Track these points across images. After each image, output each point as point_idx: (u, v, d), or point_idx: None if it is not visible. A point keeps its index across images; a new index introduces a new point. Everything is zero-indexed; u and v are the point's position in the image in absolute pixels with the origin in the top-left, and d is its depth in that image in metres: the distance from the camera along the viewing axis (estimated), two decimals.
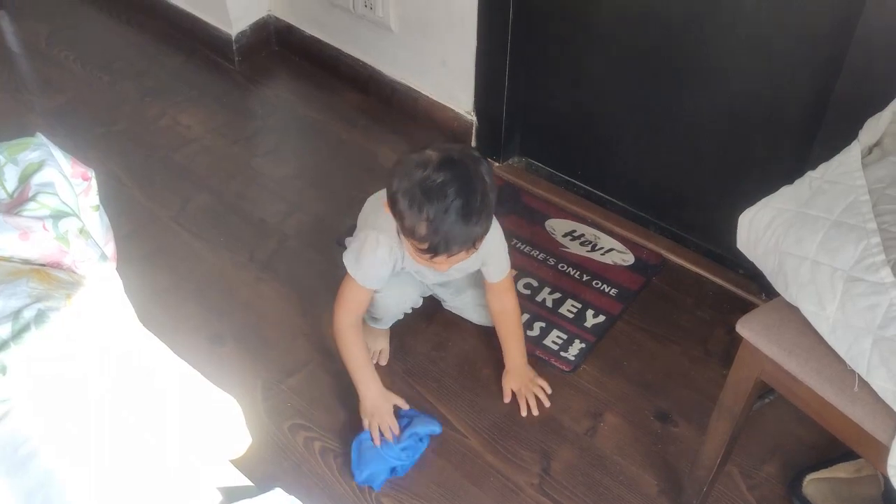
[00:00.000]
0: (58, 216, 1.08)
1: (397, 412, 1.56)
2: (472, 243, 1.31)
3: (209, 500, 0.86)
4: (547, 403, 1.63)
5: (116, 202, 2.01)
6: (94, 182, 1.26)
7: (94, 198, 1.27)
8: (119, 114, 2.30)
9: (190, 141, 2.22)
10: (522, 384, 1.63)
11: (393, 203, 1.30)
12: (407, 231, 1.29)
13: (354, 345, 1.53)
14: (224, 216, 2.02)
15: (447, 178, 1.24)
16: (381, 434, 1.51)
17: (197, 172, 2.13)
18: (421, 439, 1.55)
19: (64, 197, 1.13)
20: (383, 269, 1.47)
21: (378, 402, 1.54)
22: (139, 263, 1.88)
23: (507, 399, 1.63)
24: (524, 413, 1.61)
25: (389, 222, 1.38)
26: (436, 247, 1.28)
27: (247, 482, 0.95)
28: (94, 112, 2.29)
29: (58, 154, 1.20)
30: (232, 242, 1.96)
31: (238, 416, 1.02)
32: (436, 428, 1.56)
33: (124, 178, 2.11)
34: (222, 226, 2.00)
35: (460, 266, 1.47)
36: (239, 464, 1.18)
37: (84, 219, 1.18)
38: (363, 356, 1.55)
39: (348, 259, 1.49)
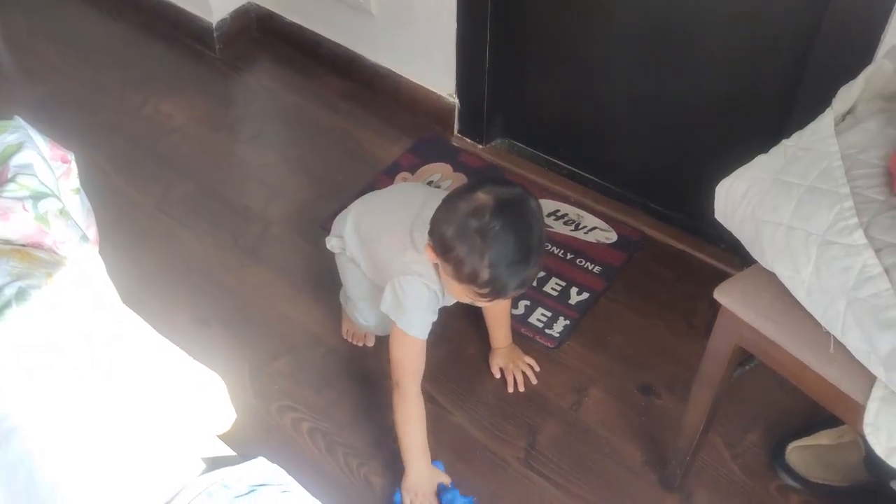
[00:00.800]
0: (37, 197, 1.09)
1: (439, 489, 1.47)
2: (531, 283, 1.30)
3: (192, 469, 0.86)
4: (534, 380, 1.64)
5: (100, 191, 2.00)
6: (73, 165, 1.26)
7: (74, 181, 1.27)
8: (101, 104, 2.29)
9: (172, 129, 2.22)
10: (510, 361, 1.65)
11: (445, 249, 1.26)
12: (466, 277, 1.25)
13: (415, 416, 1.42)
14: (207, 203, 2.02)
15: (506, 224, 1.22)
16: None
17: (180, 160, 2.13)
18: None
19: (43, 178, 1.13)
20: (431, 312, 1.40)
21: (423, 480, 1.45)
22: (124, 250, 1.88)
23: (496, 375, 1.64)
24: (511, 390, 1.63)
25: (425, 266, 1.35)
26: (498, 291, 1.26)
27: (231, 452, 0.96)
28: (75, 102, 2.28)
29: (36, 137, 1.20)
30: (216, 229, 1.96)
31: (222, 391, 1.03)
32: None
33: (107, 167, 2.11)
34: (206, 213, 2.00)
35: None
36: (230, 445, 1.19)
37: (64, 201, 1.19)
38: (420, 430, 1.44)
39: (391, 310, 1.39)
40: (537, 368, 1.65)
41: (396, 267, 1.40)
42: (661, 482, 1.49)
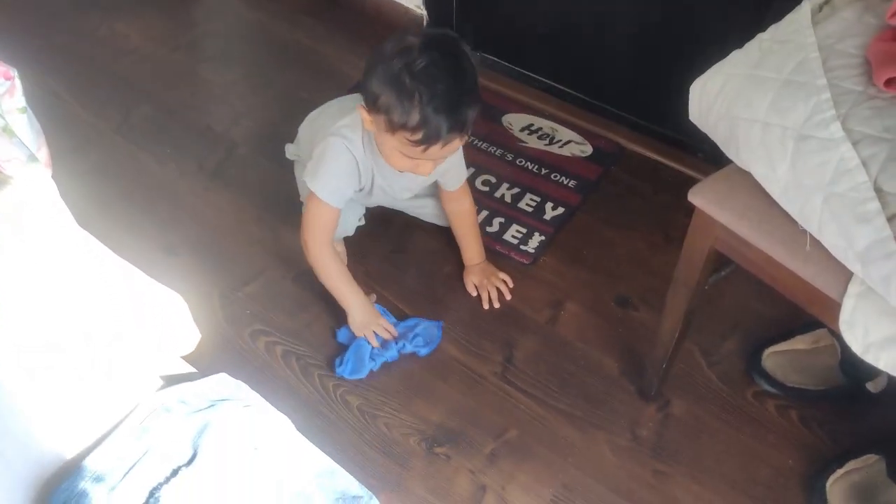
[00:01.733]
0: None
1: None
2: (466, 126, 1.25)
3: (150, 386, 0.84)
4: (508, 296, 1.62)
5: (56, 117, 1.94)
6: (17, 82, 1.19)
7: (19, 99, 1.20)
8: (53, 27, 2.19)
9: (129, 51, 2.13)
10: (484, 278, 1.62)
11: (374, 98, 1.21)
12: (397, 125, 1.21)
13: (331, 263, 1.48)
14: (169, 126, 1.95)
15: (434, 59, 1.17)
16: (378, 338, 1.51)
17: (138, 83, 2.05)
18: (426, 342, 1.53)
19: None
20: (348, 180, 1.40)
21: (365, 313, 1.50)
22: (83, 178, 1.83)
23: (472, 292, 1.62)
24: (486, 306, 1.61)
25: (353, 130, 1.32)
26: (432, 134, 1.21)
27: (192, 369, 0.93)
28: (26, 26, 2.18)
29: None
30: (179, 152, 1.89)
31: (184, 311, 0.99)
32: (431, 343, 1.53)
33: (63, 92, 2.02)
34: (168, 136, 1.93)
35: (423, 180, 1.44)
36: (198, 368, 1.16)
37: (9, 119, 1.12)
38: (342, 272, 1.50)
39: (307, 175, 1.40)
40: (511, 284, 1.63)
41: (327, 131, 1.40)
42: (639, 392, 1.49)
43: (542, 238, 1.72)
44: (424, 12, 2.04)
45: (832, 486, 1.33)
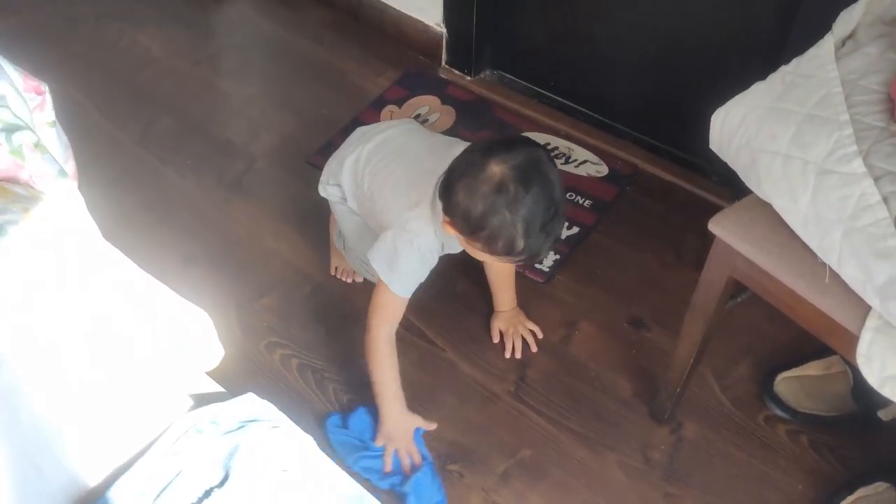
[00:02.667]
0: (11, 129, 1.04)
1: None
2: (561, 235, 1.29)
3: (181, 406, 0.85)
4: (534, 348, 1.59)
5: (77, 127, 1.94)
6: (48, 97, 1.21)
7: (49, 113, 1.22)
8: (76, 36, 2.22)
9: (151, 62, 2.15)
10: (511, 326, 1.60)
11: (477, 229, 1.21)
12: (501, 250, 1.22)
13: (387, 360, 1.41)
14: (189, 138, 1.97)
15: (531, 189, 1.18)
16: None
17: (159, 94, 2.07)
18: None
19: (17, 110, 1.09)
20: (423, 272, 1.37)
21: (398, 425, 1.42)
22: (104, 187, 1.84)
23: (495, 339, 1.60)
24: (507, 355, 1.58)
25: (426, 223, 1.31)
26: (533, 256, 1.25)
27: (220, 388, 0.95)
28: (49, 34, 2.21)
29: (8, 67, 1.15)
30: (199, 165, 1.92)
31: (209, 328, 1.01)
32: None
33: (84, 101, 2.05)
34: (188, 148, 1.95)
35: None
36: (216, 381, 1.18)
37: (40, 134, 1.14)
38: (395, 370, 1.42)
39: (380, 266, 1.36)
40: (540, 336, 1.60)
41: (395, 221, 1.35)
42: (651, 414, 1.50)
43: (557, 257, 1.74)
44: (444, 30, 2.05)
45: None
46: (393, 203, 1.39)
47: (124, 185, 1.87)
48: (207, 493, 0.75)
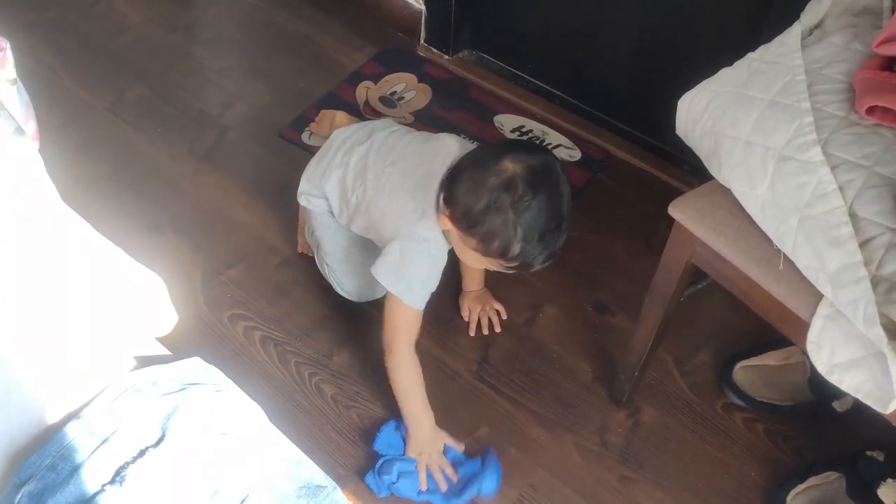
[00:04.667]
0: None
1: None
2: (558, 252, 1.23)
3: (123, 367, 0.84)
4: (498, 329, 1.59)
5: (49, 92, 1.93)
6: (9, 53, 1.20)
7: (10, 71, 1.21)
8: (49, 0, 2.18)
9: (126, 29, 2.13)
10: (479, 304, 1.60)
11: (474, 223, 1.18)
12: (495, 251, 1.18)
13: (414, 379, 1.37)
14: (162, 107, 1.95)
15: (540, 195, 1.15)
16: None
17: (134, 61, 2.05)
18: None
19: None
20: (434, 280, 1.33)
21: (427, 441, 1.38)
22: (73, 153, 1.83)
23: (465, 316, 1.60)
24: (472, 333, 1.58)
25: (432, 230, 1.27)
26: (527, 265, 1.21)
27: (166, 352, 0.94)
28: None
29: None
30: (170, 134, 1.90)
31: (163, 293, 1.00)
32: (491, 484, 1.36)
33: (57, 66, 2.02)
34: (160, 117, 1.93)
35: None
36: (175, 350, 1.17)
37: None
38: (421, 384, 1.38)
39: (388, 280, 1.31)
40: (504, 316, 1.60)
41: (401, 232, 1.31)
42: (611, 397, 1.51)
43: None
44: (423, 7, 2.04)
45: (793, 500, 1.36)
46: (395, 213, 1.33)
47: (93, 151, 1.85)
48: (142, 453, 0.74)
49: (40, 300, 0.83)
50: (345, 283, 1.57)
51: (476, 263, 1.28)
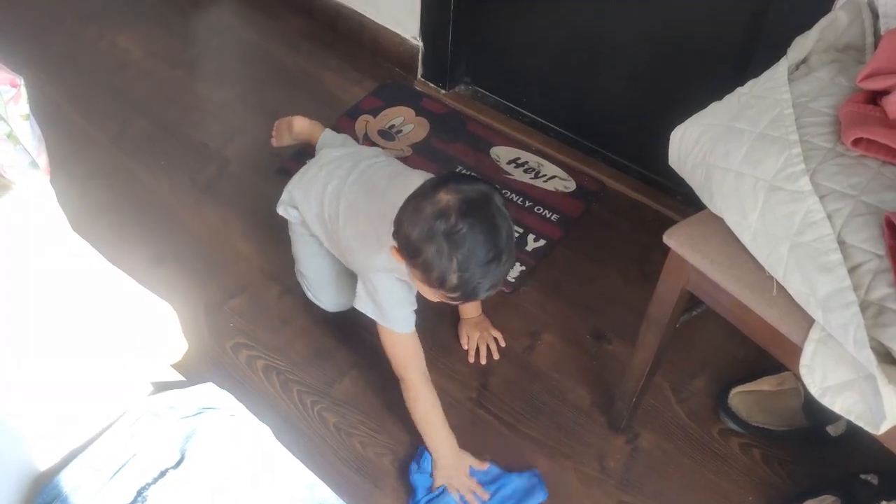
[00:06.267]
0: None
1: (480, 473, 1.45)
2: (501, 284, 1.25)
3: (140, 392, 0.87)
4: (496, 356, 1.61)
5: (53, 125, 1.95)
6: (23, 90, 1.23)
7: (23, 106, 1.24)
8: (55, 36, 2.23)
9: (129, 64, 2.17)
10: (477, 332, 1.63)
11: (413, 253, 1.20)
12: (435, 282, 1.20)
13: (431, 403, 1.41)
14: (164, 140, 1.99)
15: (472, 224, 1.16)
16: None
17: (136, 96, 2.09)
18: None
19: None
20: (409, 301, 1.37)
21: (452, 464, 1.41)
22: (77, 185, 1.86)
23: (464, 343, 1.62)
24: (471, 360, 1.61)
25: (393, 262, 1.29)
26: (469, 295, 1.21)
27: (180, 377, 0.96)
28: (30, 33, 2.22)
29: None
30: (172, 166, 1.93)
31: (173, 320, 1.03)
32: (539, 496, 1.42)
33: (61, 100, 2.06)
34: (162, 150, 1.97)
35: None
36: (186, 377, 1.19)
37: (13, 126, 1.16)
38: (440, 416, 1.41)
39: (370, 310, 1.37)
40: (503, 344, 1.63)
41: (365, 263, 1.36)
42: (609, 424, 1.53)
43: (524, 269, 1.77)
44: (421, 44, 2.09)
45: None
46: (359, 245, 1.38)
47: (97, 182, 1.88)
48: (163, 474, 0.76)
49: (57, 328, 0.86)
50: (319, 293, 1.61)
51: (428, 295, 1.28)
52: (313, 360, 1.60)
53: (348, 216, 1.41)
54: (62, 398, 0.82)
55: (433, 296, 1.27)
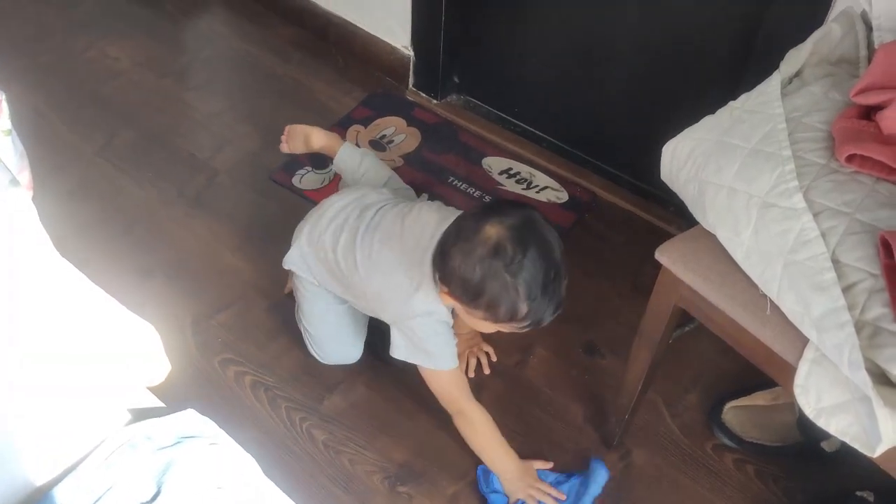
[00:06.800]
0: None
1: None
2: (563, 299, 1.24)
3: (117, 421, 0.84)
4: (487, 371, 1.60)
5: (40, 136, 1.95)
6: (4, 105, 1.21)
7: (5, 121, 1.22)
8: (43, 45, 2.21)
9: (118, 74, 2.15)
10: (468, 346, 1.61)
11: (476, 295, 1.19)
12: (504, 317, 1.20)
13: (488, 427, 1.40)
14: (152, 151, 1.97)
15: (528, 250, 1.16)
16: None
17: (124, 106, 2.07)
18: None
19: None
20: (452, 339, 1.36)
21: (519, 478, 1.41)
22: (63, 199, 1.84)
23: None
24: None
25: (433, 302, 1.28)
26: (538, 321, 1.22)
27: (160, 404, 0.94)
28: (16, 43, 2.20)
29: None
30: (160, 178, 1.91)
31: (156, 342, 1.00)
32: (601, 474, 1.44)
33: (47, 111, 2.03)
34: (150, 161, 1.94)
35: None
36: (167, 397, 1.17)
37: None
38: (497, 436, 1.41)
39: (415, 358, 1.35)
40: (494, 358, 1.62)
41: (400, 312, 1.34)
42: (602, 439, 1.51)
43: None
44: (412, 54, 2.08)
45: None
46: (389, 295, 1.35)
47: (83, 196, 1.86)
48: None
49: (35, 353, 0.84)
50: (323, 346, 1.56)
51: (489, 329, 1.29)
52: (301, 376, 1.58)
53: (369, 269, 1.37)
54: (38, 426, 0.80)
55: (496, 328, 1.27)
